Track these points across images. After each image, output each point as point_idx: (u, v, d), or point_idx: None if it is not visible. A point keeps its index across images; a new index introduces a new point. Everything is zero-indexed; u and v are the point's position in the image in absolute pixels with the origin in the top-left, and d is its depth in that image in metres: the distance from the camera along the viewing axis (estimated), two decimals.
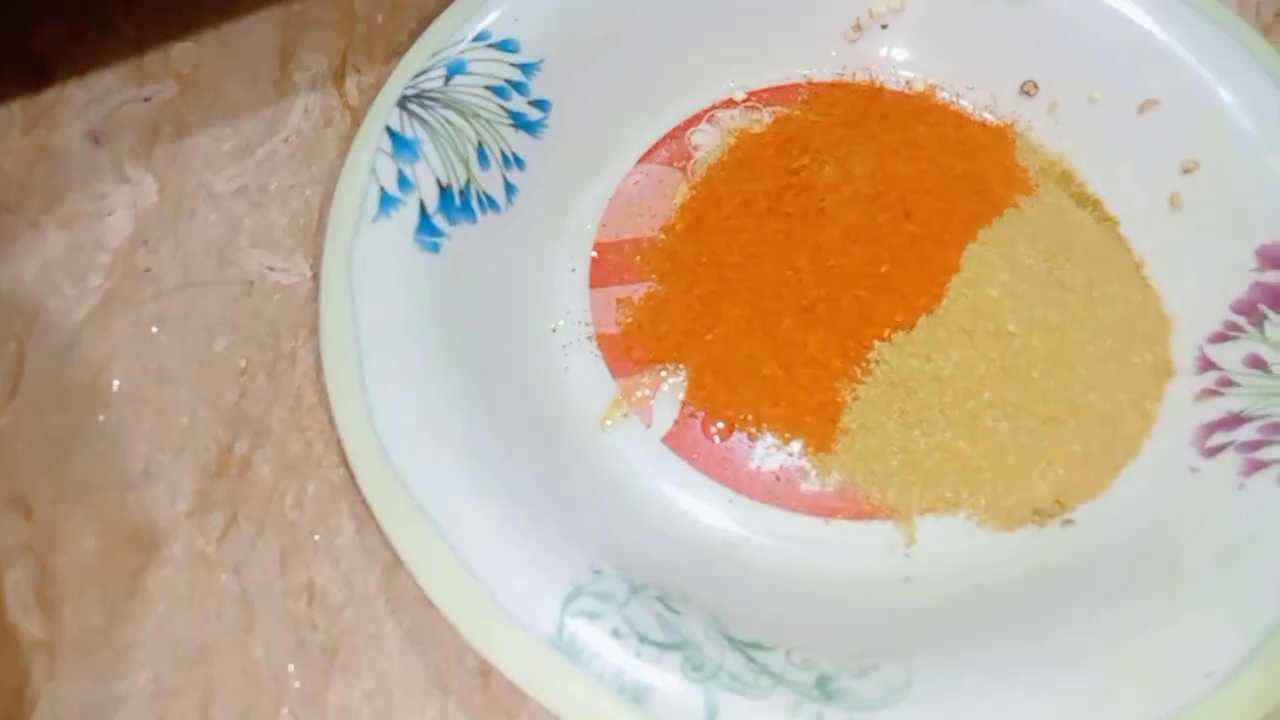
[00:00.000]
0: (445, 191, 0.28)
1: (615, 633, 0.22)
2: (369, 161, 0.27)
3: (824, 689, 0.22)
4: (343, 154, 0.33)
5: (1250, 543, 0.23)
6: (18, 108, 0.33)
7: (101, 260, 0.31)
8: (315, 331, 0.30)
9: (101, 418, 0.29)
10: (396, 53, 0.35)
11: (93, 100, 0.34)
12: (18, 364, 0.29)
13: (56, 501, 0.27)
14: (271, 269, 0.31)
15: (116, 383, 0.29)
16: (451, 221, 0.28)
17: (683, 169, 0.32)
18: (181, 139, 0.33)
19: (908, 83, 0.33)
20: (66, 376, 0.29)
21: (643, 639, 0.22)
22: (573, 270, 0.30)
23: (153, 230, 0.31)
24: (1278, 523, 0.24)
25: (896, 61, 0.33)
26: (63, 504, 0.27)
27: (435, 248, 0.27)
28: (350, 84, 0.34)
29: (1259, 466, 0.24)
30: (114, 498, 0.27)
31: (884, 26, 0.33)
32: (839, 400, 0.27)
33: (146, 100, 0.34)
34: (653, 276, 0.30)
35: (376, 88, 0.34)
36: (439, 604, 0.22)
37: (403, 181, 0.27)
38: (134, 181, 0.32)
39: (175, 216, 0.32)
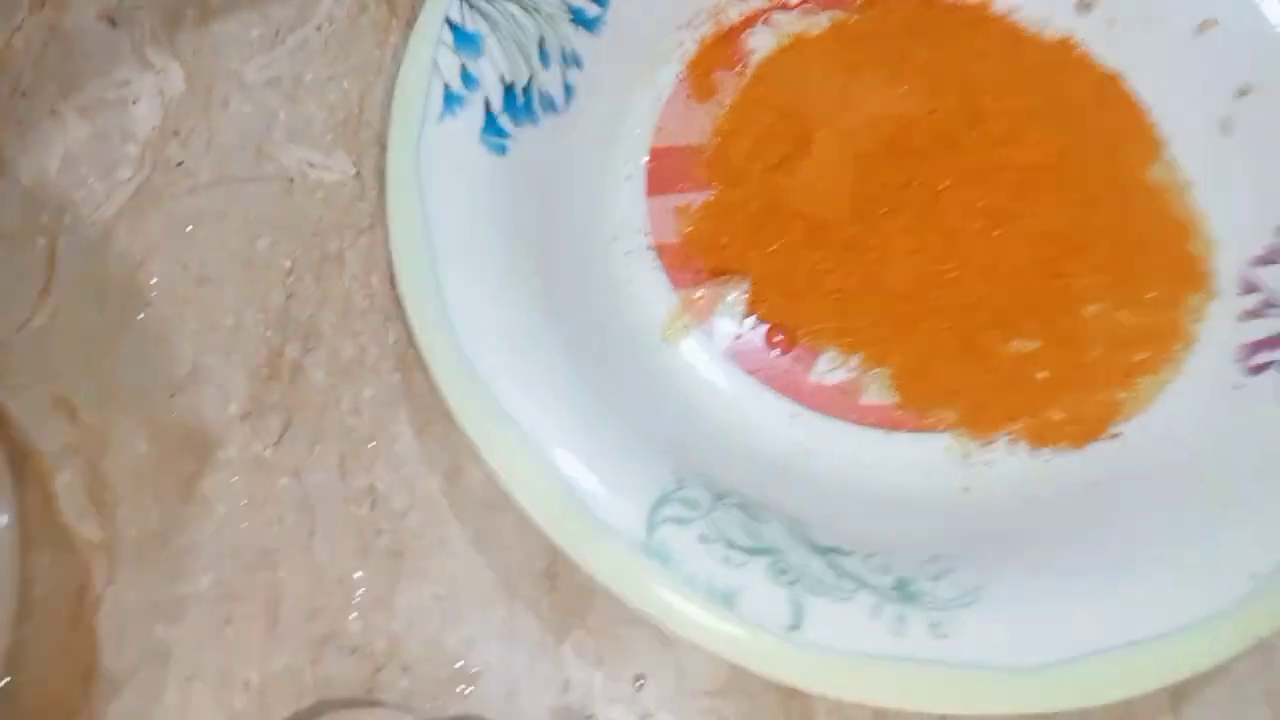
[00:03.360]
0: (509, 90, 0.27)
1: (703, 538, 0.22)
2: (430, 55, 0.26)
3: (903, 591, 0.22)
4: (380, 45, 0.31)
5: None
6: None
7: (129, 152, 0.29)
8: (362, 233, 0.29)
9: (142, 317, 0.28)
10: None
11: None
12: (49, 260, 0.28)
13: (102, 403, 0.26)
14: (312, 165, 0.30)
15: (155, 281, 0.28)
16: (516, 122, 0.27)
17: (740, 73, 0.31)
18: (206, 24, 0.31)
19: None
20: (101, 274, 0.28)
21: (730, 544, 0.22)
22: (629, 177, 0.29)
23: (182, 121, 0.30)
24: None
25: None
26: (109, 406, 0.26)
27: (502, 150, 0.26)
28: None
29: None
30: (162, 400, 0.27)
31: None
32: (904, 316, 0.27)
33: None
34: (711, 184, 0.29)
35: None
36: (530, 511, 0.22)
37: (466, 78, 0.26)
38: (158, 68, 0.30)
39: (206, 107, 0.30)
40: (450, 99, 0.26)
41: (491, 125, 0.26)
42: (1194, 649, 0.22)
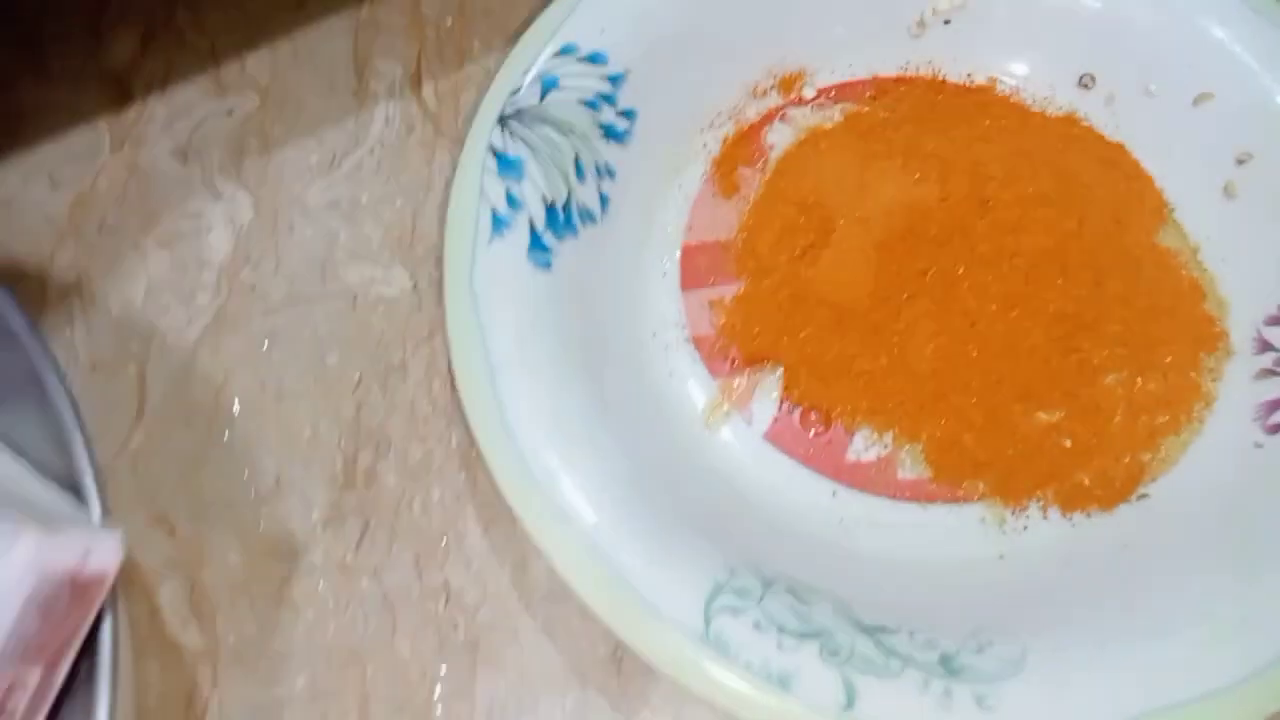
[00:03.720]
0: (550, 208, 0.29)
1: (757, 626, 0.24)
2: (477, 182, 0.29)
3: (948, 666, 0.24)
4: (428, 163, 0.34)
5: None
6: (104, 125, 0.34)
7: (207, 279, 0.32)
8: (422, 343, 0.31)
9: (227, 435, 0.30)
10: (468, 57, 0.35)
11: (175, 115, 0.34)
12: (140, 385, 0.30)
13: (196, 518, 0.29)
14: (373, 281, 0.32)
15: (237, 400, 0.30)
16: (558, 237, 0.29)
17: (761, 168, 0.33)
18: (268, 153, 0.34)
19: (968, 76, 0.34)
20: (188, 396, 0.30)
21: (782, 629, 0.24)
22: (664, 274, 0.31)
23: (253, 247, 0.32)
24: None
25: (957, 55, 0.34)
26: (202, 520, 0.29)
27: (547, 265, 0.28)
28: (427, 90, 0.35)
29: None
30: (250, 512, 0.29)
31: (946, 23, 0.34)
32: (932, 394, 0.29)
33: (229, 114, 0.34)
34: (741, 277, 0.31)
35: (454, 94, 0.35)
36: (596, 611, 0.24)
37: (511, 200, 0.29)
38: (227, 197, 0.33)
39: (273, 232, 0.33)
40: (497, 222, 0.28)
41: (536, 243, 0.28)
42: (1232, 710, 0.23)
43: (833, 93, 0.34)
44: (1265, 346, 0.30)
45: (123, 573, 0.27)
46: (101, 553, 0.19)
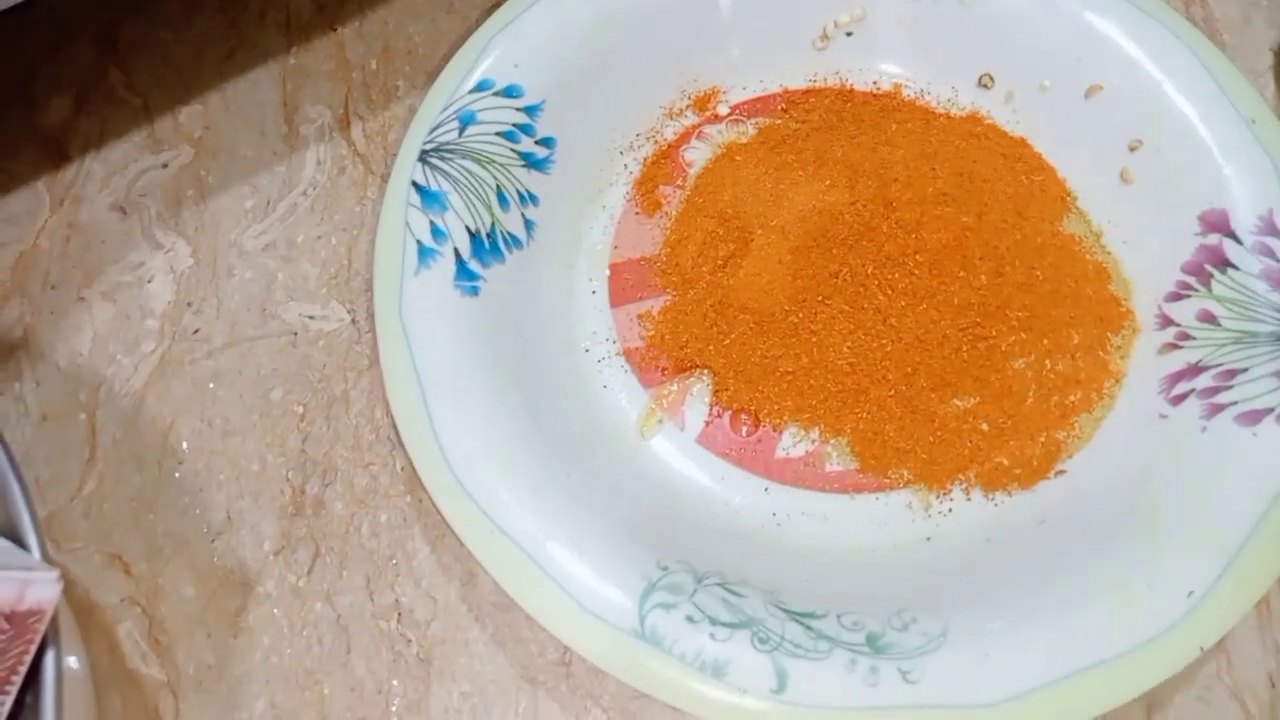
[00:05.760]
0: (475, 237, 0.30)
1: (690, 619, 0.25)
2: (401, 217, 0.30)
3: (874, 645, 0.25)
4: (360, 201, 0.35)
5: (1215, 476, 0.27)
6: (43, 186, 0.35)
7: (150, 326, 0.33)
8: (363, 373, 0.32)
9: (177, 474, 0.31)
10: (395, 97, 0.37)
11: (112, 172, 0.35)
12: (91, 432, 0.31)
13: (151, 556, 0.30)
14: (311, 318, 0.33)
15: (185, 439, 0.31)
16: (484, 264, 0.30)
17: (680, 185, 0.34)
18: (205, 201, 0.35)
19: (874, 83, 0.36)
20: (138, 439, 0.31)
21: (714, 621, 0.25)
22: (593, 292, 0.33)
23: (194, 292, 0.33)
24: (1237, 457, 0.27)
25: (862, 64, 0.36)
26: (157, 557, 0.30)
27: (475, 291, 0.29)
28: (356, 131, 0.36)
29: (1218, 410, 0.28)
30: (203, 546, 0.30)
31: (848, 34, 0.35)
32: (852, 389, 0.30)
33: (164, 167, 0.35)
34: (666, 290, 0.33)
35: (382, 133, 0.36)
36: (535, 615, 0.25)
37: (436, 232, 0.30)
38: (166, 247, 0.34)
39: (212, 277, 0.34)
40: (423, 253, 0.29)
41: (463, 271, 0.29)
42: (1145, 667, 0.25)
43: (746, 108, 0.36)
44: (1167, 322, 0.31)
45: (82, 611, 0.29)
46: (38, 588, 0.20)
